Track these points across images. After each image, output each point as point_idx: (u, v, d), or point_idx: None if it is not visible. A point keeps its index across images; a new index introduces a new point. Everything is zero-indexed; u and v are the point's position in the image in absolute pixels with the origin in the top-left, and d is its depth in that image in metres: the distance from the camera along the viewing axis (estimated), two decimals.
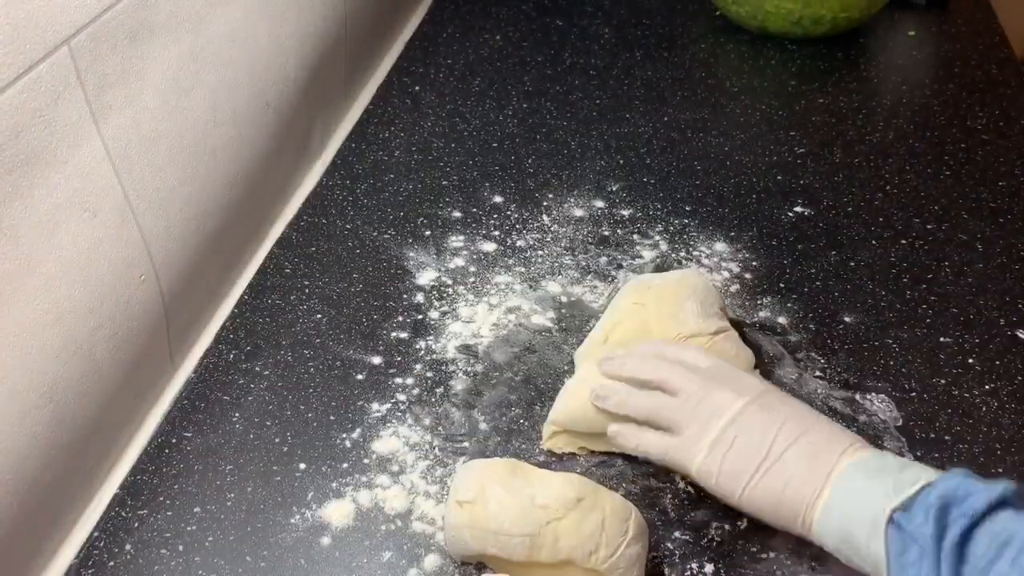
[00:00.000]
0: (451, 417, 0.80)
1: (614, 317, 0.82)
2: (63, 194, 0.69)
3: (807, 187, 1.06)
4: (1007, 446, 0.77)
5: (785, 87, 1.24)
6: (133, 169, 0.77)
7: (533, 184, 1.07)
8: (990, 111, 1.18)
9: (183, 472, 0.76)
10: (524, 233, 1.00)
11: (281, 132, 1.03)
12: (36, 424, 0.68)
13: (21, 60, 0.62)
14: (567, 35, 1.36)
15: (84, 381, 0.73)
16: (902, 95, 1.23)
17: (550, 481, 0.67)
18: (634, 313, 0.81)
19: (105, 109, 0.72)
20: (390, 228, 1.00)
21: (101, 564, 0.70)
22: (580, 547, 0.64)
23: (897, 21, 1.37)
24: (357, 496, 0.74)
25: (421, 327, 0.89)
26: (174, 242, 0.84)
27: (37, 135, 0.65)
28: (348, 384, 0.83)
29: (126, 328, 0.78)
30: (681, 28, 1.37)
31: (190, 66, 0.84)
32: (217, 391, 0.83)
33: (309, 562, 0.70)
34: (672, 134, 1.15)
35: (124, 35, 0.74)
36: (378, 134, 1.15)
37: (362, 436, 0.79)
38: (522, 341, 0.87)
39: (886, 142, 1.13)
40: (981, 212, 1.01)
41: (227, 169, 0.92)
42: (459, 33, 1.37)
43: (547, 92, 1.23)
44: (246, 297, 0.93)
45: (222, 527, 0.72)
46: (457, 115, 1.19)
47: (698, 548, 0.71)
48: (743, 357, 0.79)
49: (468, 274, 0.94)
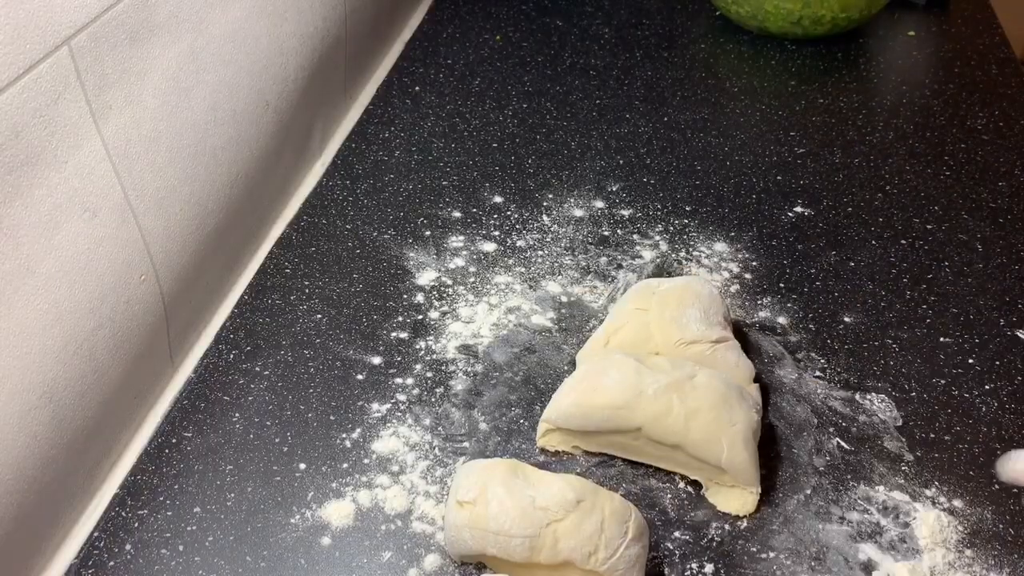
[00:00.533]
0: (451, 417, 0.80)
1: (616, 320, 0.82)
2: (63, 194, 0.69)
3: (807, 187, 1.06)
4: (1007, 446, 0.77)
5: (785, 87, 1.24)
6: (133, 169, 0.77)
7: (533, 184, 1.07)
8: (990, 111, 1.18)
9: (183, 472, 0.76)
10: (524, 233, 1.00)
11: (281, 132, 1.03)
12: (36, 424, 0.68)
13: (21, 60, 0.62)
14: (567, 35, 1.36)
15: (84, 381, 0.73)
16: (902, 95, 1.23)
17: (550, 482, 0.67)
18: (636, 317, 0.81)
19: (105, 109, 0.72)
20: (390, 228, 1.00)
21: (101, 564, 0.70)
22: (579, 548, 0.64)
23: (897, 21, 1.37)
24: (357, 496, 0.74)
25: (421, 327, 0.89)
26: (174, 242, 0.84)
27: (37, 135, 0.65)
28: (348, 384, 0.83)
29: (126, 328, 0.78)
30: (681, 28, 1.37)
31: (190, 66, 0.84)
32: (217, 391, 0.83)
33: (309, 562, 0.70)
34: (672, 134, 1.15)
35: (124, 35, 0.74)
36: (378, 134, 1.15)
37: (362, 436, 0.79)
38: (522, 341, 0.87)
39: (886, 142, 1.13)
40: (981, 212, 1.01)
41: (227, 169, 0.92)
42: (459, 33, 1.37)
43: (547, 92, 1.23)
44: (246, 297, 0.93)
45: (222, 527, 0.72)
46: (457, 115, 1.19)
47: (698, 548, 0.71)
48: (743, 367, 0.79)
49: (468, 274, 0.94)
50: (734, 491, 0.73)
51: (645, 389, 0.73)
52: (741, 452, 0.71)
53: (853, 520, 0.72)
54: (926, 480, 0.75)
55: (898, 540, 0.71)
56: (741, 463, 0.71)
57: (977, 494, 0.74)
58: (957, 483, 0.74)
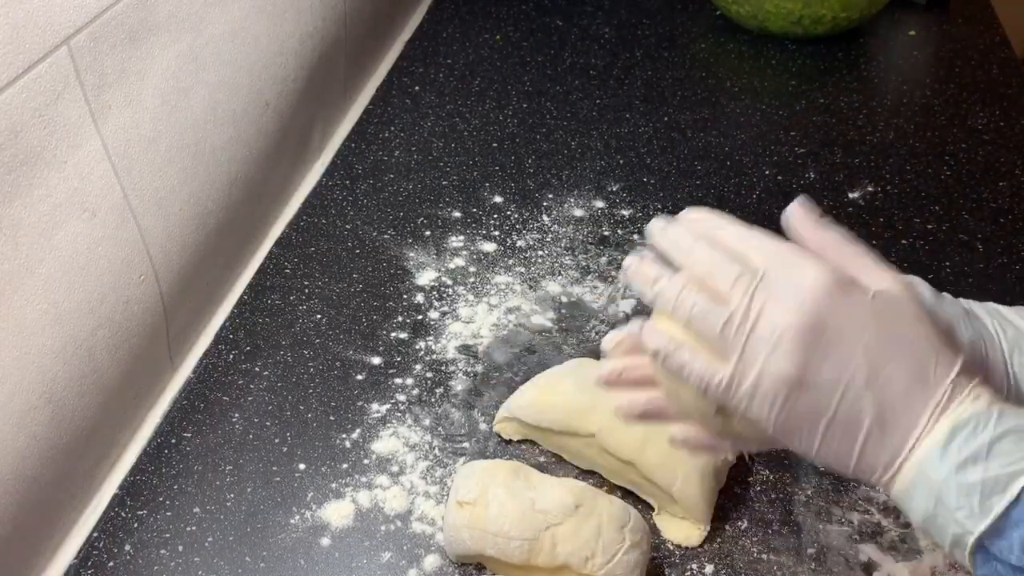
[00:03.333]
0: (451, 417, 0.80)
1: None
2: (62, 194, 0.68)
3: (807, 187, 1.05)
4: None
5: (785, 87, 1.24)
6: (133, 169, 0.77)
7: (533, 184, 1.07)
8: (990, 111, 1.18)
9: (183, 472, 0.76)
10: (524, 233, 0.99)
11: (281, 132, 1.03)
12: (36, 424, 0.68)
13: (21, 60, 0.62)
14: (567, 35, 1.36)
15: (84, 381, 0.73)
16: (902, 95, 1.23)
17: (551, 486, 0.67)
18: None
19: (105, 109, 0.72)
20: (390, 228, 1.00)
21: (101, 564, 0.70)
22: (576, 553, 0.64)
23: (897, 21, 1.37)
24: (357, 496, 0.74)
25: (421, 327, 0.88)
26: (174, 242, 0.84)
27: (37, 135, 0.65)
28: (348, 384, 0.83)
29: (126, 328, 0.78)
30: (681, 28, 1.37)
31: (190, 66, 0.83)
32: (217, 391, 0.83)
33: (309, 562, 0.70)
34: (672, 134, 1.15)
35: (124, 35, 0.73)
36: (378, 134, 1.15)
37: (362, 436, 0.79)
38: (522, 341, 0.87)
39: (886, 142, 1.13)
40: (982, 212, 1.01)
41: (227, 169, 0.92)
42: (459, 33, 1.37)
43: (547, 92, 1.23)
44: (246, 297, 0.92)
45: (222, 527, 0.72)
46: (457, 115, 1.19)
47: (698, 548, 0.71)
48: None
49: (468, 274, 0.94)
50: (683, 522, 0.71)
51: (605, 399, 0.64)
52: (695, 486, 0.69)
53: (854, 520, 0.72)
54: None
55: (899, 540, 0.71)
56: (692, 497, 0.70)
57: None
58: None
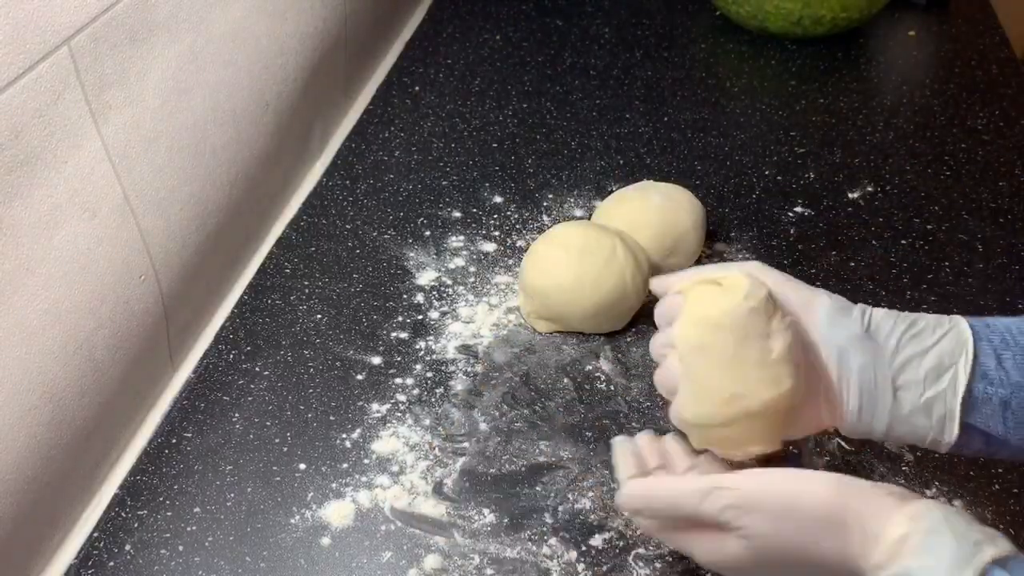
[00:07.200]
0: (451, 417, 0.80)
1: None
2: (63, 194, 0.69)
3: (807, 187, 1.06)
4: None
5: (785, 87, 1.24)
6: (133, 169, 0.77)
7: (533, 184, 1.07)
8: (990, 111, 1.18)
9: (183, 472, 0.76)
10: (524, 233, 1.00)
11: (281, 132, 1.03)
12: (36, 424, 0.68)
13: (21, 60, 0.62)
14: (567, 35, 1.36)
15: (84, 381, 0.73)
16: (902, 95, 1.23)
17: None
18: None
19: (105, 109, 0.72)
20: (390, 228, 1.00)
21: (101, 564, 0.70)
22: None
23: (897, 21, 1.37)
24: (357, 496, 0.74)
25: (421, 327, 0.88)
26: (174, 242, 0.84)
27: (37, 135, 0.65)
28: (348, 384, 0.83)
29: (126, 328, 0.78)
30: (681, 28, 1.37)
31: (190, 66, 0.84)
32: (217, 391, 0.83)
33: (309, 562, 0.70)
34: (672, 134, 1.15)
35: (124, 35, 0.74)
36: (378, 134, 1.15)
37: (362, 436, 0.79)
38: (522, 341, 0.87)
39: (886, 142, 1.13)
40: (981, 212, 1.01)
41: (227, 169, 0.92)
42: (459, 33, 1.37)
43: (547, 92, 1.23)
44: (246, 297, 0.92)
45: (222, 527, 0.72)
46: (457, 115, 1.19)
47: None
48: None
49: (468, 274, 0.94)
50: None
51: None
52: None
53: None
54: (926, 480, 0.75)
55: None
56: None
57: (977, 494, 0.74)
58: (957, 483, 0.74)
